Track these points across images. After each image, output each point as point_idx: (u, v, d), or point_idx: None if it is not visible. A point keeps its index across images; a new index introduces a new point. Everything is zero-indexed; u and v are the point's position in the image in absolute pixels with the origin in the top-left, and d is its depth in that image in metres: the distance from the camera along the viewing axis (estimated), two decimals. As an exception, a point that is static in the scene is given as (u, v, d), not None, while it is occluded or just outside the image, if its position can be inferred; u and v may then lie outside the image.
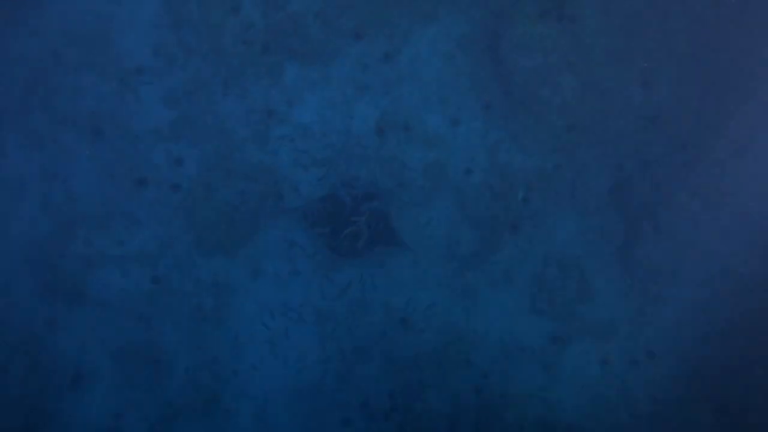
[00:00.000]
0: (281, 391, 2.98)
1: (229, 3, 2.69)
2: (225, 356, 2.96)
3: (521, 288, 3.06)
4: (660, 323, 3.11)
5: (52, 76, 2.71)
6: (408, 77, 2.84)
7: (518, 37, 2.86)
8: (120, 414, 2.88)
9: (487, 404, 3.04)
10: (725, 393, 3.08)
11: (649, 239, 3.11)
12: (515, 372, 3.07)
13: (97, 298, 2.80)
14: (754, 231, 3.11)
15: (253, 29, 2.71)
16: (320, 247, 2.91)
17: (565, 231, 3.06)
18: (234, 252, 2.87)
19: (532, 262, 3.05)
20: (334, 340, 3.01)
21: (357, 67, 2.79)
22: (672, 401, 3.10)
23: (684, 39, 2.98)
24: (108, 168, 2.75)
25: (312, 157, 2.84)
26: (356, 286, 2.97)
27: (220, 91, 2.74)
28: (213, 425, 2.93)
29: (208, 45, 2.71)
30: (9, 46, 2.68)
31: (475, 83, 2.89)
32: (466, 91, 2.89)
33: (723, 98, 3.04)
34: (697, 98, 3.03)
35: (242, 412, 2.96)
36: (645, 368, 3.12)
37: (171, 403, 2.92)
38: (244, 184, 2.81)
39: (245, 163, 2.80)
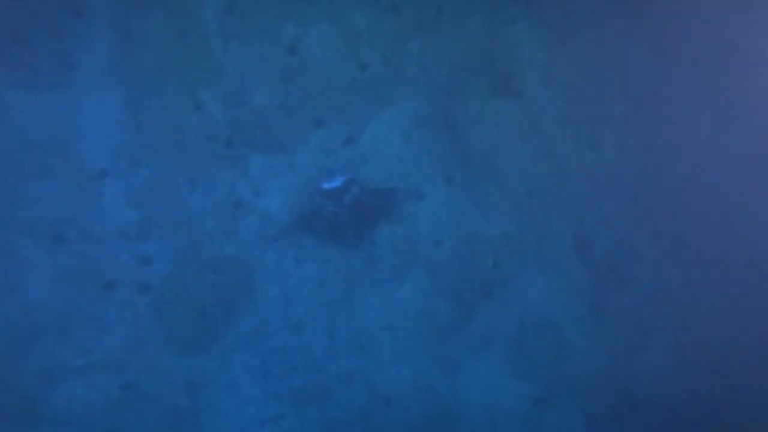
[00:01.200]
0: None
1: (191, 101, 2.75)
2: (204, 462, 2.80)
3: (500, 353, 3.08)
4: (636, 372, 3.18)
5: (9, 186, 2.65)
6: (370, 158, 2.93)
7: (472, 112, 3.03)
8: None
9: (480, 479, 2.97)
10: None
11: (616, 290, 3.22)
12: (504, 440, 3.03)
13: (59, 417, 2.62)
14: (711, 273, 3.28)
15: (216, 125, 2.76)
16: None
17: (536, 291, 3.13)
18: (207, 348, 2.78)
19: (508, 325, 3.09)
20: (319, 423, 2.91)
21: (320, 153, 2.87)
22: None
23: (621, 100, 3.23)
24: (71, 274, 2.65)
25: (281, 243, 2.85)
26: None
27: (185, 187, 2.74)
28: None
29: (172, 143, 2.73)
30: (-37, 158, 2.62)
31: (435, 159, 3.01)
32: (427, 167, 3.00)
33: (665, 150, 3.27)
34: (642, 153, 3.25)
35: None
36: (628, 418, 3.15)
37: None
38: (215, 276, 2.77)
39: (215, 256, 2.77)
